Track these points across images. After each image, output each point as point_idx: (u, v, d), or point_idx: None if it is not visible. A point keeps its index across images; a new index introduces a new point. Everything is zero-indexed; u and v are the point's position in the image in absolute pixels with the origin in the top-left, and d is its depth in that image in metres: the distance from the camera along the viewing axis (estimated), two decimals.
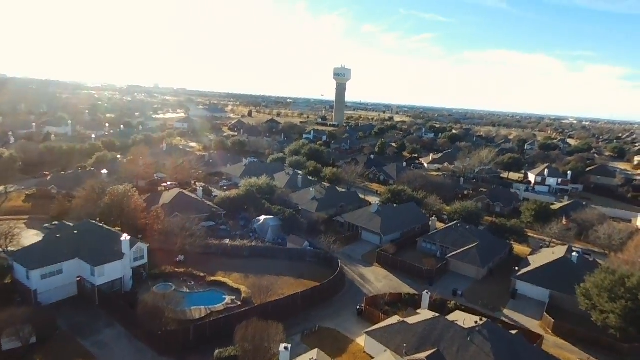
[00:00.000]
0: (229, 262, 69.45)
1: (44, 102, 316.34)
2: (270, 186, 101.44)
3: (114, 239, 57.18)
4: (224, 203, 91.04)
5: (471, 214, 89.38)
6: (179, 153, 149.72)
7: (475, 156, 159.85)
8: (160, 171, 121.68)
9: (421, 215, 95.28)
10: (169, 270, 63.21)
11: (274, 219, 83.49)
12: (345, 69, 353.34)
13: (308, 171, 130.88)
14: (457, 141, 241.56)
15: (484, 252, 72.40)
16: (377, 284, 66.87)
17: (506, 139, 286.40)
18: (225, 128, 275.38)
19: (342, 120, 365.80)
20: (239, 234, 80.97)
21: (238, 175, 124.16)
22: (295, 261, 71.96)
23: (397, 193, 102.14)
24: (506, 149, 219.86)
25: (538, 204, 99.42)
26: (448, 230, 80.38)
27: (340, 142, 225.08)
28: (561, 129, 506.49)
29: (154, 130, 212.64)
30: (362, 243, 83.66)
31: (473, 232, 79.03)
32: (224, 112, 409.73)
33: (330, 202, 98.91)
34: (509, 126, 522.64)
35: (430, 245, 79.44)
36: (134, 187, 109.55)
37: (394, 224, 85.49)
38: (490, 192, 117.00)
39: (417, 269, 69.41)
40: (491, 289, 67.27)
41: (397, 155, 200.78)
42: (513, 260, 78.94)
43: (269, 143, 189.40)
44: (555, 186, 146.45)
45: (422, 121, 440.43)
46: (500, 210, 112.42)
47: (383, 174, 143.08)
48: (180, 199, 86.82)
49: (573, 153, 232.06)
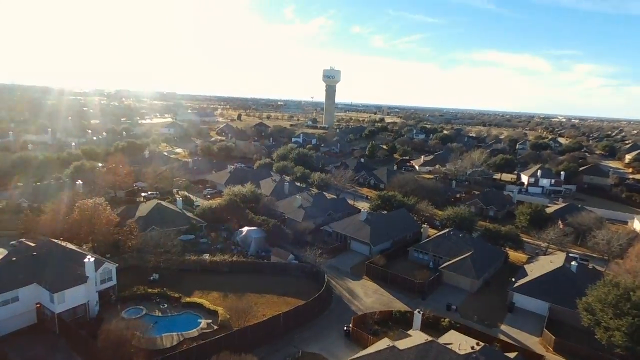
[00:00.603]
0: (208, 280, 64.84)
1: (27, 109, 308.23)
2: (255, 194, 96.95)
3: (78, 260, 52.30)
4: (205, 214, 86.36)
5: (464, 220, 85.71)
6: (162, 160, 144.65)
7: (467, 158, 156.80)
8: (141, 180, 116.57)
9: (412, 222, 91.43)
10: (141, 292, 58.40)
11: (257, 230, 79.02)
12: (335, 71, 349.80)
13: (295, 177, 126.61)
14: (449, 142, 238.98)
15: (479, 262, 68.61)
16: (366, 300, 62.67)
17: (497, 139, 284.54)
18: (213, 132, 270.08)
19: (332, 123, 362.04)
20: (220, 248, 76.39)
21: (223, 182, 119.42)
22: (279, 276, 67.57)
23: (387, 199, 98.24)
24: (498, 150, 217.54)
25: (533, 208, 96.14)
26: (440, 239, 76.50)
27: (330, 145, 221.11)
28: (551, 128, 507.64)
29: (137, 136, 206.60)
30: (351, 254, 79.46)
31: (467, 240, 75.25)
32: (213, 115, 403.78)
33: (318, 210, 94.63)
34: (499, 125, 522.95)
35: (422, 255, 75.49)
36: (113, 197, 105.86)
37: (384, 233, 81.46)
38: (483, 195, 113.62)
39: (408, 283, 65.35)
40: (487, 302, 63.43)
41: (388, 158, 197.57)
42: (509, 269, 75.36)
43: (256, 148, 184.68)
44: (549, 187, 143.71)
45: (413, 122, 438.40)
46: (494, 215, 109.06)
47: (373, 178, 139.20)
48: (157, 211, 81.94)
49: (565, 152, 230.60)
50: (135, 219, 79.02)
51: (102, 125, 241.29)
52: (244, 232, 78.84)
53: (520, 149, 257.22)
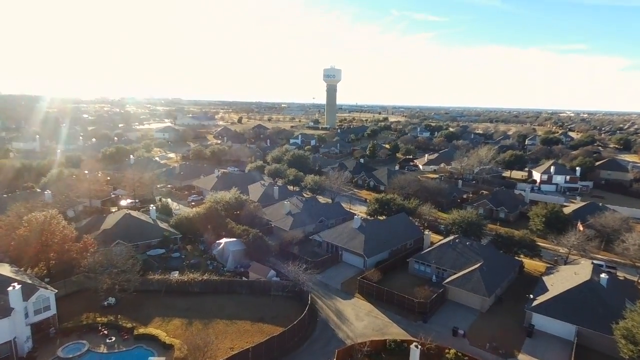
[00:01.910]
0: (173, 303, 55.82)
1: (23, 118, 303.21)
2: (239, 201, 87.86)
3: (3, 287, 43.48)
4: (181, 224, 77.37)
5: (472, 225, 75.72)
6: (148, 166, 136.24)
7: (474, 155, 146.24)
8: (120, 187, 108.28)
9: (413, 228, 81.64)
10: (89, 321, 49.56)
11: (235, 242, 69.83)
12: (335, 70, 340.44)
13: (287, 180, 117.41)
14: (454, 139, 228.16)
15: (490, 275, 58.73)
16: (357, 324, 53.09)
17: (505, 135, 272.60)
18: (210, 136, 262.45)
19: (334, 123, 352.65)
20: (195, 263, 67.33)
21: (209, 188, 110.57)
22: (257, 296, 58.34)
23: (385, 203, 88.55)
24: (506, 146, 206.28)
25: (549, 209, 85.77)
26: (444, 248, 66.66)
27: (329, 145, 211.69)
28: (560, 122, 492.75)
29: (128, 142, 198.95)
30: (343, 267, 69.91)
31: (475, 248, 65.37)
32: (213, 119, 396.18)
33: (308, 217, 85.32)
34: (507, 122, 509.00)
35: (424, 267, 65.75)
36: (87, 207, 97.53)
37: (380, 242, 71.80)
38: (493, 195, 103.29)
39: (407, 302, 55.68)
40: (501, 324, 53.49)
41: (390, 158, 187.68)
42: (525, 281, 65.39)
43: (251, 150, 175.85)
44: (563, 184, 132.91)
45: (418, 120, 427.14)
46: (505, 217, 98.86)
47: (373, 179, 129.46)
48: (125, 223, 73.18)
49: (577, 147, 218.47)
50: (100, 233, 70.48)
51: (97, 132, 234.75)
52: (222, 245, 69.77)
53: (529, 144, 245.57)
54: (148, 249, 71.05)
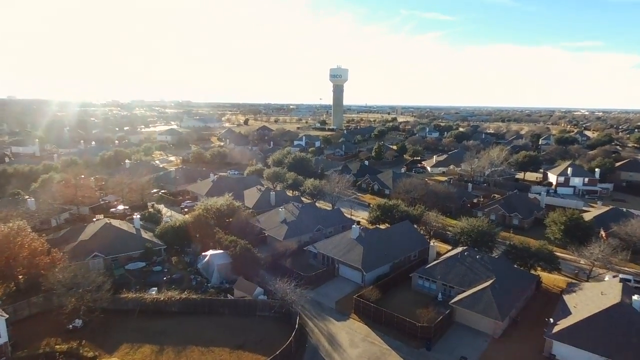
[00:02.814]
0: (147, 325, 50.14)
1: (29, 122, 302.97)
2: (231, 207, 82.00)
3: None
4: (166, 234, 71.78)
5: (483, 235, 68.71)
6: (145, 169, 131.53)
7: (485, 156, 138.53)
8: (112, 193, 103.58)
9: (418, 237, 74.84)
10: (47, 349, 44.09)
11: (222, 254, 63.98)
12: (342, 69, 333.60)
13: (286, 184, 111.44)
14: (464, 140, 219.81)
15: (503, 294, 51.87)
16: (351, 352, 46.72)
17: (518, 135, 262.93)
18: (214, 138, 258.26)
19: (340, 124, 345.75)
20: (178, 278, 61.69)
21: (204, 193, 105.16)
22: (241, 317, 52.38)
23: (388, 209, 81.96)
24: (519, 146, 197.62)
25: (568, 215, 78.24)
26: (452, 262, 59.91)
27: (334, 147, 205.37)
28: (575, 121, 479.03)
29: (129, 145, 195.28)
30: (340, 282, 63.53)
31: (486, 262, 58.51)
32: (219, 121, 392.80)
33: (305, 225, 79.16)
34: (519, 121, 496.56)
35: (429, 283, 59.10)
36: (75, 215, 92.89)
37: (381, 254, 65.27)
38: (506, 200, 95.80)
39: (408, 325, 49.15)
40: (516, 353, 46.63)
41: (397, 159, 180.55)
42: (543, 298, 58.46)
43: (252, 153, 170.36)
44: (582, 187, 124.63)
45: (427, 120, 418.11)
46: (519, 223, 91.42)
47: (377, 182, 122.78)
48: (104, 233, 67.86)
49: (594, 146, 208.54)
50: (76, 244, 65.28)
51: (99, 135, 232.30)
52: (207, 258, 64.03)
53: (543, 144, 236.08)
54: (129, 262, 65.70)
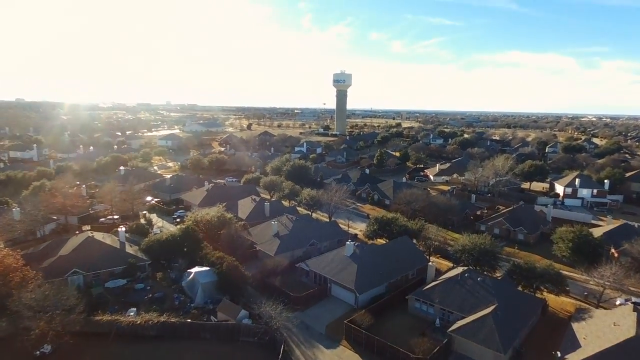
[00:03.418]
0: (121, 351, 46.69)
1: (33, 125, 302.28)
2: (221, 219, 78.58)
3: None
4: (152, 248, 68.48)
5: (485, 253, 64.69)
6: (141, 176, 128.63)
7: (489, 165, 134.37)
8: (102, 202, 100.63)
9: (417, 254, 70.88)
10: None
11: (207, 272, 60.46)
12: (345, 75, 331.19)
13: (283, 194, 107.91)
14: (469, 147, 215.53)
15: (506, 322, 47.86)
16: None
17: (524, 142, 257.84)
18: (215, 143, 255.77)
19: (344, 129, 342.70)
20: (160, 297, 58.26)
21: (197, 202, 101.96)
22: (223, 343, 48.77)
23: (386, 223, 78.12)
24: (525, 154, 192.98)
25: (576, 231, 74.02)
26: (451, 284, 55.96)
27: (336, 154, 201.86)
28: (582, 128, 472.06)
29: (129, 150, 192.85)
30: (332, 303, 59.72)
31: (487, 285, 54.50)
32: (221, 126, 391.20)
33: (298, 239, 75.51)
34: (525, 127, 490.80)
35: (427, 306, 55.17)
36: (63, 225, 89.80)
37: (376, 273, 61.47)
38: (510, 214, 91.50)
39: (402, 356, 45.26)
40: None
41: (399, 167, 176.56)
42: (549, 324, 54.36)
43: (252, 159, 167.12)
44: (590, 199, 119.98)
45: (432, 126, 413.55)
46: (524, 238, 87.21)
47: (377, 192, 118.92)
48: (86, 247, 64.68)
49: (603, 155, 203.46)
50: (55, 259, 62.13)
51: (99, 139, 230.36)
52: (192, 275, 60.58)
53: (550, 152, 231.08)
54: (110, 278, 62.42)
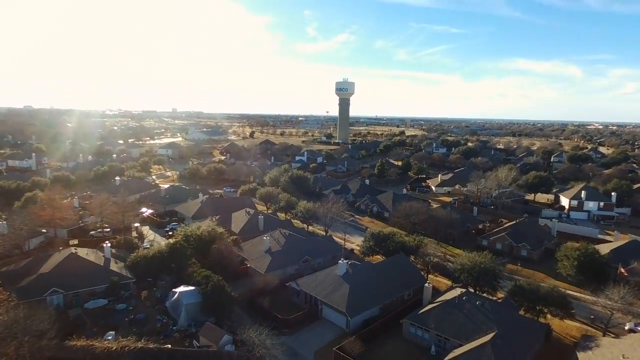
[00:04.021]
0: None
1: (35, 133, 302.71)
2: (212, 234, 75.78)
3: None
4: (138, 266, 65.82)
5: (485, 273, 61.42)
6: (136, 187, 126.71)
7: (492, 176, 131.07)
8: (92, 214, 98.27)
9: (414, 273, 67.58)
10: None
11: (191, 292, 57.60)
12: (348, 83, 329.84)
13: (278, 207, 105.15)
14: (472, 156, 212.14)
15: (506, 352, 44.49)
16: None
17: (529, 151, 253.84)
18: (216, 152, 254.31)
19: (346, 138, 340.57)
20: (140, 319, 55.48)
21: (191, 215, 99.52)
22: None
23: (382, 239, 75.03)
24: (530, 164, 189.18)
25: (582, 249, 70.58)
26: (448, 308, 52.71)
27: (337, 163, 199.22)
28: (589, 136, 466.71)
29: (128, 159, 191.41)
30: (322, 326, 56.56)
31: (487, 310, 51.22)
32: (224, 134, 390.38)
33: (291, 256, 72.54)
34: (530, 135, 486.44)
35: (422, 332, 51.91)
36: (52, 238, 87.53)
37: (370, 294, 58.32)
38: (513, 229, 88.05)
39: None
40: None
41: (401, 177, 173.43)
42: (553, 351, 50.86)
43: (249, 169, 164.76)
44: (596, 212, 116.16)
45: (435, 134, 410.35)
46: (527, 254, 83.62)
47: (376, 204, 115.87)
48: (68, 265, 62.09)
49: (610, 165, 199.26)
50: (34, 277, 59.61)
51: (100, 148, 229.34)
52: (176, 295, 57.79)
53: (555, 161, 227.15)
54: (92, 298, 59.80)
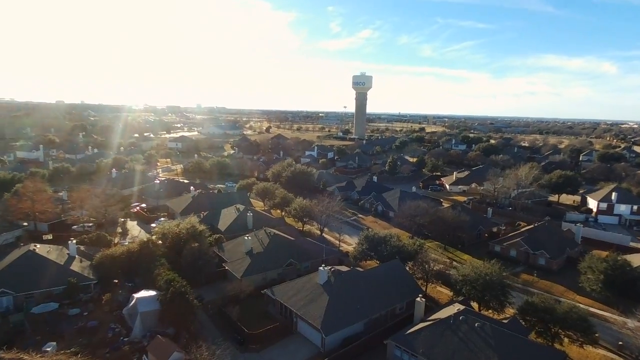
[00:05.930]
0: None
1: (52, 127, 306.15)
2: (192, 232, 69.22)
3: None
4: (102, 266, 59.94)
5: (490, 286, 52.45)
6: (133, 180, 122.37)
7: (512, 175, 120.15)
8: (73, 208, 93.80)
9: (409, 283, 58.97)
10: None
11: (150, 299, 51.05)
12: (365, 77, 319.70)
13: (273, 203, 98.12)
14: (493, 154, 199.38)
15: None
16: None
17: (555, 149, 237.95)
18: (227, 146, 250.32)
19: (363, 133, 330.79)
20: (91, 326, 49.38)
21: (180, 210, 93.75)
22: None
23: (376, 242, 66.68)
24: (555, 163, 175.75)
25: (610, 260, 60.45)
26: (441, 328, 44.14)
27: (348, 159, 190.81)
28: (622, 135, 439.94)
29: (133, 152, 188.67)
30: (296, 342, 49.02)
31: (487, 334, 42.43)
32: (239, 128, 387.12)
33: (274, 258, 65.29)
34: (559, 133, 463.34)
35: (409, 356, 43.64)
36: (32, 232, 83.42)
37: (353, 308, 50.27)
38: (530, 234, 77.86)
39: None
40: None
41: (414, 174, 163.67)
42: None
43: (254, 164, 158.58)
44: (629, 216, 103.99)
45: (457, 131, 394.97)
46: (546, 263, 73.56)
47: (381, 203, 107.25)
48: (24, 263, 56.75)
49: None
50: None
51: (113, 140, 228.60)
52: (133, 301, 51.41)
53: (584, 160, 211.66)
54: (45, 300, 54.18)
